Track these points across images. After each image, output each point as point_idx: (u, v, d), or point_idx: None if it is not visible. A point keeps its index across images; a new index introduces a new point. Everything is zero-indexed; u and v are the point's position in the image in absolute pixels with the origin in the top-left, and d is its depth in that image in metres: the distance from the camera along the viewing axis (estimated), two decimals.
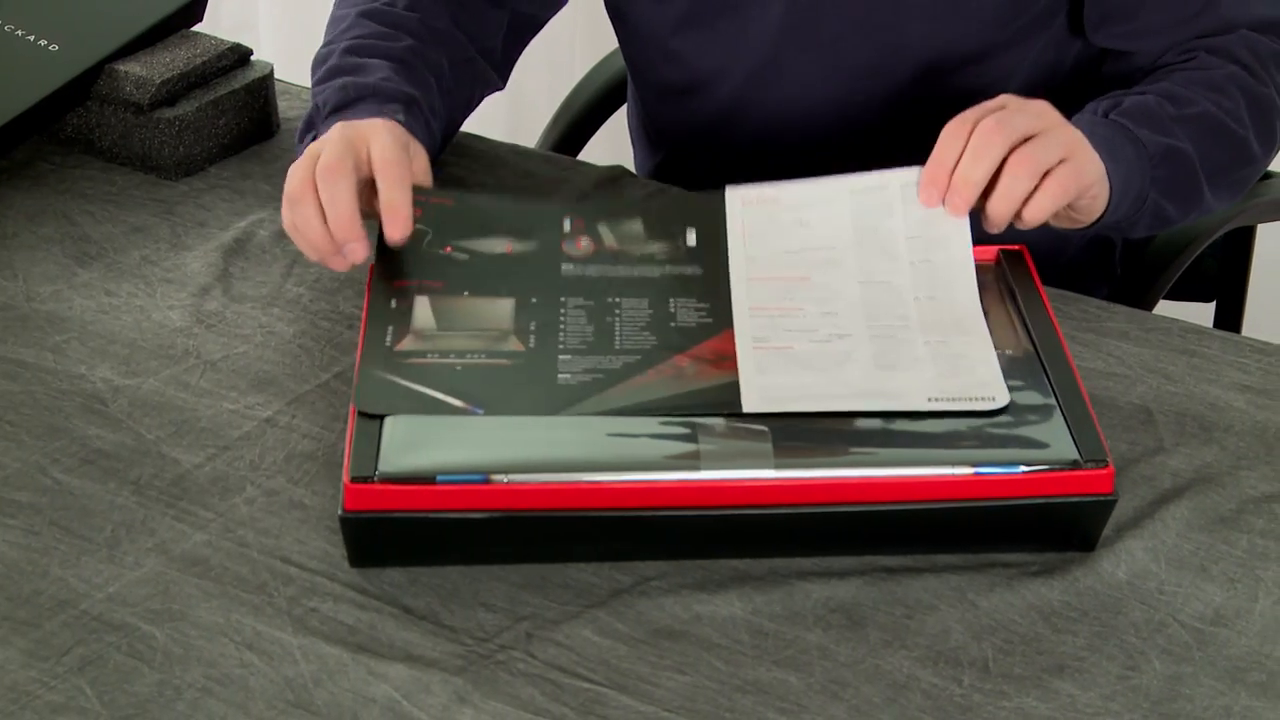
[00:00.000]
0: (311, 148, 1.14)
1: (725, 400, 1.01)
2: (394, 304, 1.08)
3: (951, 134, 1.11)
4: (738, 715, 0.91)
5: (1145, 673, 0.94)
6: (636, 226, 1.13)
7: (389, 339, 1.05)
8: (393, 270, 1.10)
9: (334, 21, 1.32)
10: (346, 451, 0.98)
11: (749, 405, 1.01)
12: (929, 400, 1.01)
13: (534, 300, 1.08)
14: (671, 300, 1.08)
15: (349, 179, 1.10)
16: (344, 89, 1.21)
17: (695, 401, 1.01)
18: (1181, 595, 0.99)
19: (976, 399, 1.01)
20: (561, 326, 1.06)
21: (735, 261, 1.10)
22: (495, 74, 1.39)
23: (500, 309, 1.08)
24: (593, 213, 1.15)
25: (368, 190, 1.12)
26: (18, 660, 0.93)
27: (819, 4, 1.28)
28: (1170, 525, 1.03)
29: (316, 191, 1.10)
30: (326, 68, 1.26)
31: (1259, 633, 0.97)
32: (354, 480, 0.96)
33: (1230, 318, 1.65)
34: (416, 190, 1.13)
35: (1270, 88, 1.26)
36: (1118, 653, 0.95)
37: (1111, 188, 1.16)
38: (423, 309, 1.08)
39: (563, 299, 1.08)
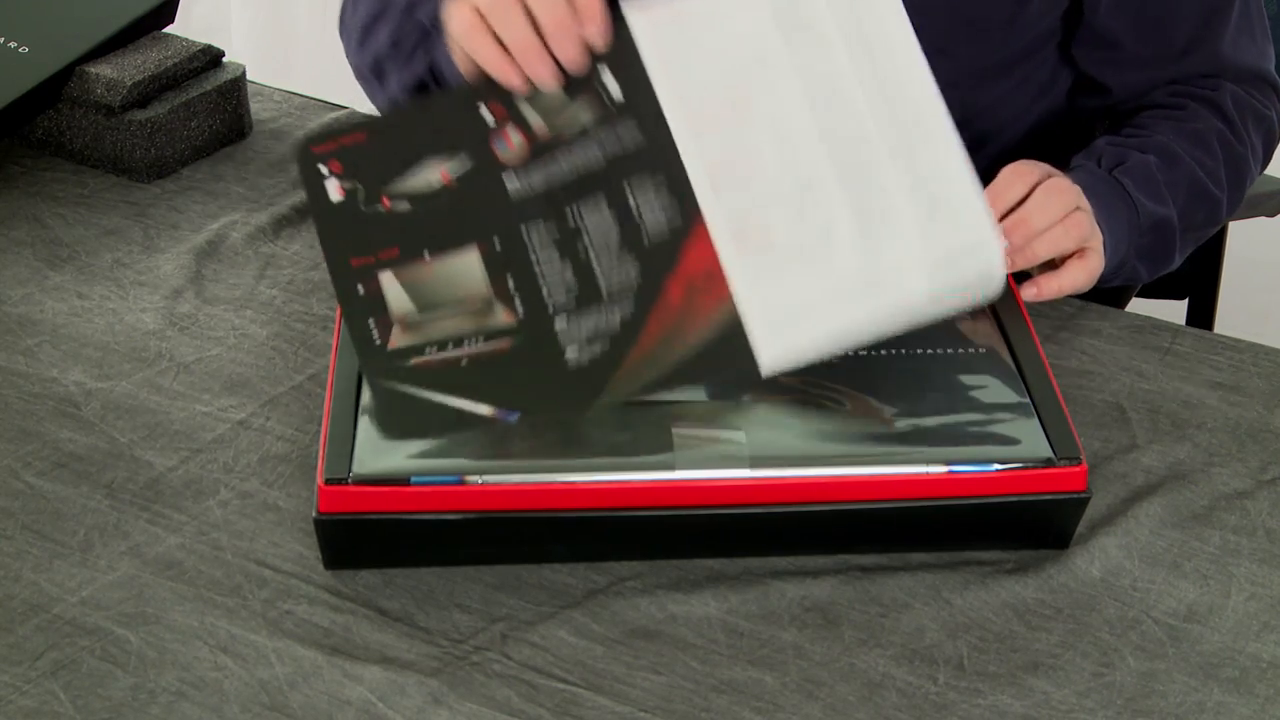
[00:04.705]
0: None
1: (739, 362, 0.98)
2: (361, 290, 1.04)
3: (1013, 180, 1.13)
4: (713, 715, 0.91)
5: (1119, 669, 0.94)
6: (555, 92, 1.06)
7: (376, 336, 1.03)
8: (342, 245, 1.05)
9: (358, 25, 1.28)
10: (320, 453, 0.97)
11: (766, 367, 0.98)
12: (930, 297, 0.98)
13: (496, 241, 1.03)
14: (630, 197, 1.03)
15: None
16: None
17: (709, 367, 0.99)
18: (1155, 592, 0.99)
19: (974, 285, 1.00)
20: (540, 275, 1.02)
21: (671, 109, 1.04)
22: None
23: (469, 268, 1.03)
24: (505, 89, 1.06)
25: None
26: None
27: None
28: (1143, 522, 1.03)
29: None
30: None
31: (1232, 629, 0.97)
32: (328, 482, 0.96)
33: (1202, 315, 1.66)
34: (324, 136, 1.06)
35: (1246, 147, 1.27)
36: (1092, 649, 0.95)
37: (1104, 246, 1.17)
38: (392, 288, 1.03)
39: (523, 228, 1.03)
